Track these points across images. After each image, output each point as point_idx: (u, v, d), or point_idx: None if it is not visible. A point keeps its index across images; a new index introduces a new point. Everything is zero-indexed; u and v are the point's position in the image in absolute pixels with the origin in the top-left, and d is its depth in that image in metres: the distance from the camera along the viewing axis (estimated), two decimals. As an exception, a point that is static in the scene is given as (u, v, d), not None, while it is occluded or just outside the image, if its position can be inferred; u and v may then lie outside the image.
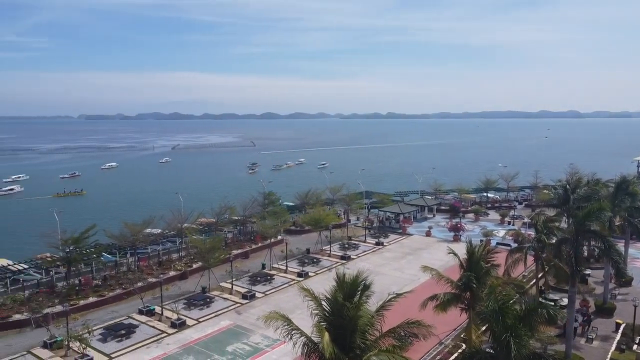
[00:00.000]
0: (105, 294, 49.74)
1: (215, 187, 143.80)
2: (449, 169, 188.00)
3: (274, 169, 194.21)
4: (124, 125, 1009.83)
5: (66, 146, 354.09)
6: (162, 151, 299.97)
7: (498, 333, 22.57)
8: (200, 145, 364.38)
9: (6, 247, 75.00)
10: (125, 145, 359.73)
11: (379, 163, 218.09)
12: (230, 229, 74.02)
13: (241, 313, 46.23)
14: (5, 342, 40.51)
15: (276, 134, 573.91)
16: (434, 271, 34.30)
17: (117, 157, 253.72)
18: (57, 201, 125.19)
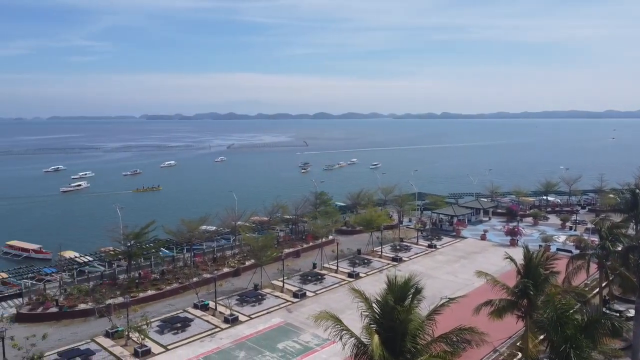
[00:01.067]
0: (162, 287, 51.68)
1: (268, 186, 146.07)
2: (507, 170, 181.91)
3: (326, 169, 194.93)
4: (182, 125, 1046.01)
5: (128, 145, 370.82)
6: (217, 150, 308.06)
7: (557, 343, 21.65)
8: (254, 145, 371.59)
9: (74, 240, 79.52)
10: (183, 145, 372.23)
11: (432, 164, 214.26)
12: (282, 227, 74.96)
13: (292, 311, 46.71)
14: (71, 330, 42.96)
15: (329, 133, 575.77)
16: (488, 276, 33.25)
17: (176, 155, 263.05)
18: (136, 196, 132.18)
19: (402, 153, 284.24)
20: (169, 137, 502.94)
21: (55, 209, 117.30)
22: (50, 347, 38.08)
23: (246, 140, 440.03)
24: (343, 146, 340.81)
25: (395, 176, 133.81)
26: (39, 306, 46.29)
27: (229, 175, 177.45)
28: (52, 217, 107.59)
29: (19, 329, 42.08)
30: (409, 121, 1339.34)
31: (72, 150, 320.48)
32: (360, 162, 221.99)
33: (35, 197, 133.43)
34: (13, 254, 75.14)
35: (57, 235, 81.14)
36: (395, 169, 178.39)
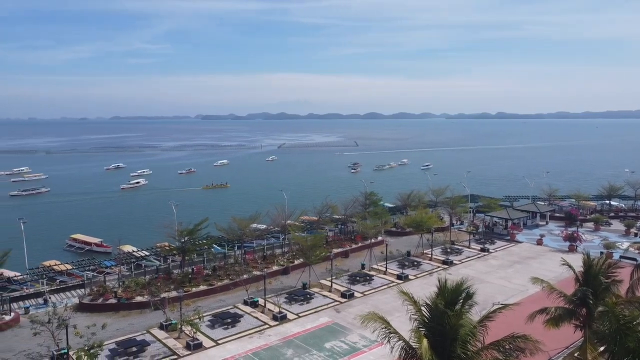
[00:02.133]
0: (214, 283, 53.01)
1: (318, 185, 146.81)
2: (566, 173, 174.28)
3: (376, 169, 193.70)
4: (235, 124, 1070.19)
5: (184, 144, 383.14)
6: (269, 150, 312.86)
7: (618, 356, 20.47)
8: (304, 144, 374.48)
9: (132, 235, 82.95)
10: (236, 144, 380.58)
11: (486, 165, 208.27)
12: (331, 227, 75.13)
13: (340, 311, 46.72)
14: (128, 321, 44.87)
15: (379, 133, 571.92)
16: (544, 283, 31.95)
17: (228, 154, 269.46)
18: (206, 192, 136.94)
19: (454, 154, 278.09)
20: (222, 136, 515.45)
21: (115, 205, 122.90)
22: (108, 337, 39.89)
23: (297, 139, 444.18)
24: (394, 146, 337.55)
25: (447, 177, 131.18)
26: (99, 297, 48.65)
27: (280, 174, 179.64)
28: (113, 213, 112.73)
29: (81, 318, 44.39)
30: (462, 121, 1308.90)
31: (131, 148, 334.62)
32: (411, 162, 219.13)
33: (98, 193, 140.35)
34: (76, 247, 79.35)
35: (116, 230, 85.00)
36: (447, 170, 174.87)
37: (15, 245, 57.44)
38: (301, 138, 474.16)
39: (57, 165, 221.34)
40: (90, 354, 34.69)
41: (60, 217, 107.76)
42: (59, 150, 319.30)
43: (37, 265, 61.15)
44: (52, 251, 75.65)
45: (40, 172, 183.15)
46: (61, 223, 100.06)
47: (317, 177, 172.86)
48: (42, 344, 37.89)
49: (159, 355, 37.95)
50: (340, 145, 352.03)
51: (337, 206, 75.70)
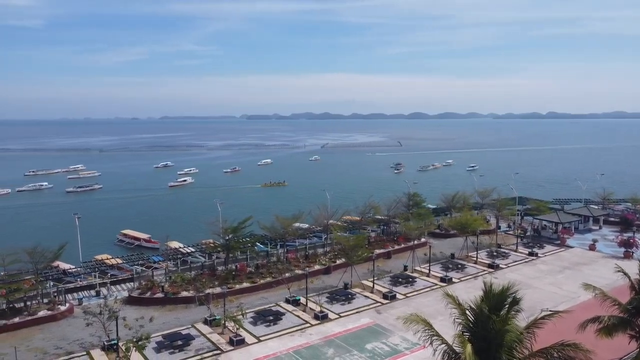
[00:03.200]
0: (257, 281, 53.75)
1: (361, 185, 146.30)
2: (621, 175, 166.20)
3: (420, 170, 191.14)
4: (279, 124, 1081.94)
5: (229, 143, 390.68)
6: (312, 149, 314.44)
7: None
8: (348, 144, 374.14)
9: (178, 231, 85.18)
10: (279, 144, 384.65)
11: (535, 167, 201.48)
12: (373, 228, 74.70)
13: (381, 312, 46.37)
14: (174, 315, 46.16)
15: (424, 134, 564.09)
16: (597, 290, 30.52)
17: (272, 154, 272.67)
18: (264, 190, 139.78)
19: (502, 155, 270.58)
20: (266, 136, 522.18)
21: (163, 202, 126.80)
22: (155, 330, 41.16)
23: (340, 139, 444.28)
24: (438, 147, 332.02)
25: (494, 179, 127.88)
26: (147, 291, 50.30)
27: (322, 174, 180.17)
28: (161, 210, 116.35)
29: (130, 311, 46.01)
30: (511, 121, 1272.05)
31: (179, 147, 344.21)
32: (456, 163, 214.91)
33: (147, 190, 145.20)
34: (126, 242, 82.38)
35: (164, 227, 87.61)
36: (493, 172, 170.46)
37: (71, 239, 60.17)
38: (344, 138, 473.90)
39: (110, 163, 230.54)
40: (138, 346, 35.94)
41: (112, 213, 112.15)
42: (111, 149, 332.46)
43: (90, 258, 63.91)
44: (103, 245, 78.83)
45: (94, 169, 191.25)
46: (112, 218, 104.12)
47: (359, 177, 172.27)
48: (94, 334, 39.55)
49: (203, 349, 38.85)
50: (383, 145, 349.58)
51: (380, 206, 75.18)
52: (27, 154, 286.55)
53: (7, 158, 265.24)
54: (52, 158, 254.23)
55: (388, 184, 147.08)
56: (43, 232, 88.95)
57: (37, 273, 48.64)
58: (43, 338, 41.56)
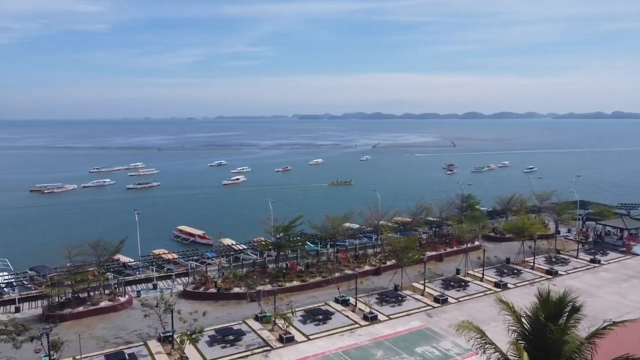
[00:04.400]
0: (306, 279, 54.13)
1: (412, 186, 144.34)
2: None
3: (474, 171, 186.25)
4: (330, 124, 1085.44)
5: (281, 143, 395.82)
6: (363, 149, 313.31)
7: None
8: (399, 145, 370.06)
9: (231, 228, 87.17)
10: (331, 143, 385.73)
11: (599, 169, 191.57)
12: (425, 229, 73.50)
13: (432, 316, 45.53)
14: (226, 310, 47.28)
15: (479, 134, 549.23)
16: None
17: (323, 153, 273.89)
18: (331, 189, 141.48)
19: (562, 156, 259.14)
20: (318, 136, 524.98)
21: (217, 200, 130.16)
22: (208, 324, 42.29)
23: (392, 139, 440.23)
24: (494, 148, 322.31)
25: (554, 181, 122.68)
26: (201, 286, 51.80)
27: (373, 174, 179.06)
28: (214, 207, 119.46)
29: (185, 304, 47.53)
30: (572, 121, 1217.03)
31: (233, 147, 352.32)
32: (512, 165, 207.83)
33: (201, 188, 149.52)
34: (182, 238, 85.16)
35: (217, 223, 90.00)
36: (553, 174, 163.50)
37: (130, 234, 62.92)
38: (396, 138, 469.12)
39: (167, 161, 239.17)
40: (192, 339, 37.09)
41: (169, 209, 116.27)
42: (169, 148, 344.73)
43: (148, 252, 66.51)
44: (160, 240, 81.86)
45: (153, 167, 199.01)
46: (169, 215, 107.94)
47: (410, 177, 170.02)
48: (151, 326, 41.17)
49: (253, 345, 39.56)
50: (436, 146, 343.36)
51: (432, 208, 73.84)
52: (92, 152, 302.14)
53: (74, 155, 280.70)
54: (114, 156, 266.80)
55: (440, 185, 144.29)
56: (105, 226, 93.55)
57: (99, 265, 51.18)
58: (104, 327, 43.69)
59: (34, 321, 43.33)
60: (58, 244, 58.85)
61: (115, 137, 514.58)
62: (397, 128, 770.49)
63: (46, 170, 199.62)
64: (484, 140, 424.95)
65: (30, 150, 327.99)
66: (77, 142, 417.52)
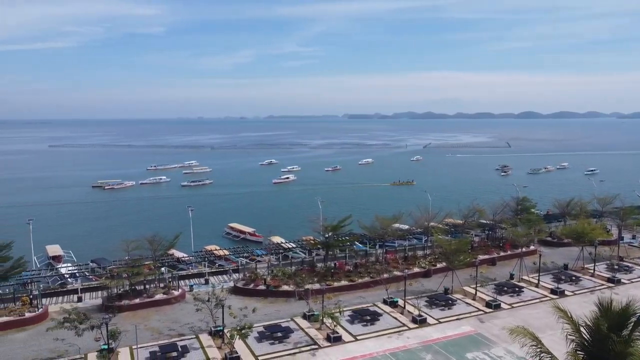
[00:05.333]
0: (354, 279, 53.97)
1: (464, 187, 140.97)
2: None
3: (530, 173, 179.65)
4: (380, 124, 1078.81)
5: (331, 142, 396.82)
6: (413, 149, 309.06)
7: None
8: (451, 145, 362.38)
9: (281, 227, 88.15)
10: (381, 143, 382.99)
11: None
12: (477, 232, 71.55)
13: (484, 321, 44.26)
14: (275, 308, 47.88)
15: (536, 134, 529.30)
16: None
17: (373, 153, 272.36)
18: (392, 189, 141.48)
19: (627, 158, 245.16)
20: (368, 135, 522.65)
21: (267, 198, 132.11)
22: (257, 320, 42.96)
23: (443, 140, 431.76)
24: (552, 149, 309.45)
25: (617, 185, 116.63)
26: (250, 282, 52.72)
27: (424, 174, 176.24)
28: (265, 205, 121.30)
29: (235, 300, 48.51)
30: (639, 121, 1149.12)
31: (283, 146, 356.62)
32: (572, 166, 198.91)
33: (252, 186, 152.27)
34: (233, 235, 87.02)
35: (267, 221, 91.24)
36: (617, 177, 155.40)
37: (184, 230, 64.93)
38: (448, 138, 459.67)
39: (219, 159, 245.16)
40: (242, 334, 37.82)
41: (220, 207, 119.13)
42: (221, 146, 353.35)
43: (201, 248, 68.44)
44: (212, 237, 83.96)
45: (206, 165, 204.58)
46: (221, 212, 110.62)
47: (462, 178, 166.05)
48: (202, 320, 42.31)
49: (301, 343, 39.84)
50: (490, 146, 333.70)
51: (485, 210, 71.73)
52: (149, 150, 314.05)
53: (132, 154, 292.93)
54: (170, 154, 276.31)
55: (494, 187, 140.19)
56: (161, 222, 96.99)
57: (155, 259, 53.09)
58: (158, 319, 45.30)
59: (94, 311, 45.52)
60: (117, 237, 61.56)
61: (170, 136, 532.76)
62: (449, 128, 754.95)
63: (106, 167, 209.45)
64: (541, 140, 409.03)
65: (92, 148, 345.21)
66: (135, 140, 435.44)
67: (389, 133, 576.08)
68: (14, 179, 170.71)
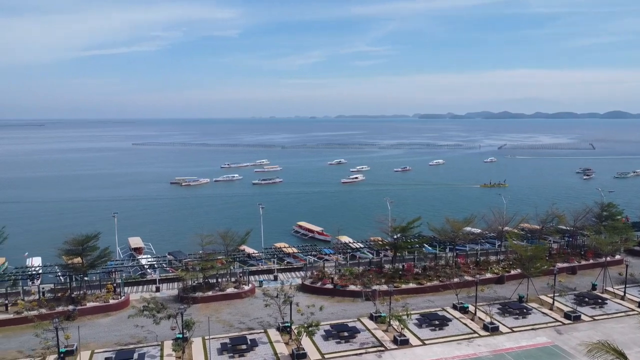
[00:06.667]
0: (423, 282, 52.93)
1: (542, 191, 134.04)
2: None
3: (617, 177, 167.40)
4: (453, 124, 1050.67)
5: (401, 142, 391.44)
6: (487, 150, 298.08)
7: None
8: (529, 146, 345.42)
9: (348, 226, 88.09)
10: (453, 144, 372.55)
11: None
12: (556, 238, 67.78)
13: (562, 333, 41.85)
14: (342, 307, 48.01)
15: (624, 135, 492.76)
16: None
17: (444, 154, 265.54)
18: (483, 191, 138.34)
19: None
20: (439, 136, 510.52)
21: (335, 197, 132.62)
22: (324, 318, 43.32)
23: (520, 141, 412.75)
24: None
25: None
26: (318, 281, 53.23)
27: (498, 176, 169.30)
28: (333, 204, 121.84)
29: (302, 297, 49.22)
30: None
31: (352, 145, 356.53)
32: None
33: (321, 185, 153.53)
34: (301, 233, 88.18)
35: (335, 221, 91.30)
36: None
37: (255, 226, 66.64)
38: (525, 139, 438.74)
39: (289, 158, 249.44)
40: (309, 331, 38.26)
41: (290, 205, 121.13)
42: (291, 145, 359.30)
43: (270, 245, 69.97)
44: (281, 234, 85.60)
45: (276, 164, 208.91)
46: (290, 210, 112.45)
47: (540, 181, 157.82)
48: (271, 315, 43.29)
49: (367, 344, 39.66)
50: (571, 148, 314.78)
51: (565, 215, 67.73)
52: (223, 149, 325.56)
53: (207, 152, 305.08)
54: (243, 153, 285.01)
55: (574, 191, 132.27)
56: (233, 218, 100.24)
57: (227, 254, 54.99)
58: (229, 312, 46.89)
59: (171, 301, 47.92)
60: (192, 232, 64.32)
61: (243, 135, 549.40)
62: (527, 128, 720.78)
63: (184, 164, 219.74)
64: (630, 142, 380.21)
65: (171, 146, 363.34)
66: (210, 139, 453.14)
67: (461, 133, 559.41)
68: (102, 175, 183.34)
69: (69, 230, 55.51)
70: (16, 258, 65.20)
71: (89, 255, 49.97)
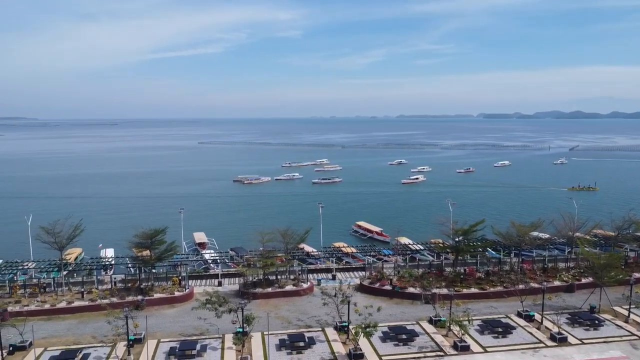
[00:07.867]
0: (486, 288, 51.20)
1: (617, 195, 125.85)
2: None
3: None
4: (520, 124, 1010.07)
5: (464, 143, 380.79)
6: (557, 152, 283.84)
7: None
8: (603, 148, 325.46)
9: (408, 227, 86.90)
10: (520, 144, 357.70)
11: None
12: (633, 246, 63.46)
13: (638, 348, 39.08)
14: (400, 309, 47.37)
15: None
16: None
17: (510, 155, 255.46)
18: (571, 194, 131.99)
19: None
20: (505, 136, 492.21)
21: (395, 198, 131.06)
22: (382, 320, 42.88)
23: (594, 142, 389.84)
24: None
25: None
26: (376, 282, 52.84)
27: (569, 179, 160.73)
28: (392, 205, 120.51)
29: (360, 298, 49.03)
30: None
31: (413, 146, 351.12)
32: None
33: (380, 185, 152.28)
34: (360, 233, 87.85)
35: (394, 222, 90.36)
36: None
37: (314, 225, 67.13)
38: (600, 140, 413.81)
39: (349, 158, 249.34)
40: (366, 332, 38.03)
41: (349, 205, 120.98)
42: (351, 145, 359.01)
43: (329, 244, 70.25)
44: (340, 234, 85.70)
45: (336, 164, 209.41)
46: (349, 210, 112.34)
47: (615, 185, 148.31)
48: (329, 314, 43.44)
49: (426, 348, 38.88)
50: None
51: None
52: (284, 148, 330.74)
53: (269, 151, 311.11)
54: (303, 152, 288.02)
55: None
56: (292, 216, 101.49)
57: (287, 252, 55.77)
58: (288, 309, 47.53)
59: (232, 296, 49.27)
60: (253, 229, 65.79)
61: (304, 134, 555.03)
62: (602, 129, 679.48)
63: (246, 163, 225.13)
64: None
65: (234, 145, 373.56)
66: (272, 138, 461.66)
67: (529, 134, 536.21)
68: (171, 172, 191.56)
69: (139, 223, 58.34)
70: (92, 249, 69.54)
71: (157, 248, 52.41)
